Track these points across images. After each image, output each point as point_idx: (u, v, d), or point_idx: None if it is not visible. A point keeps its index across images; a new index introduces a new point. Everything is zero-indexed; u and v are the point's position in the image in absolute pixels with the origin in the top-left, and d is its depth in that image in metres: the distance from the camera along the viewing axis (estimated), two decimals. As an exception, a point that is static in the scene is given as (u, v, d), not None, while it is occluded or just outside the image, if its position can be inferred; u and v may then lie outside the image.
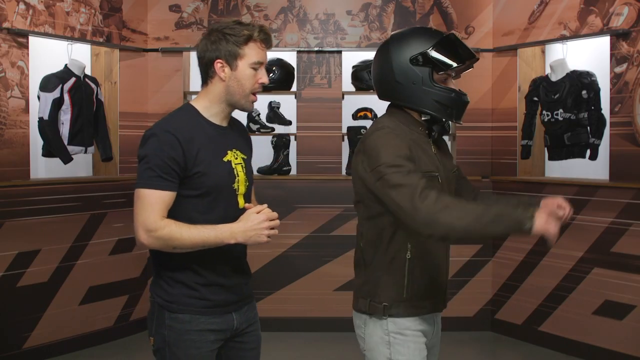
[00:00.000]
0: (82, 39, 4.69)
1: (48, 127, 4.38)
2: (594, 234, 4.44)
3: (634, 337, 4.21)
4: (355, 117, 5.15)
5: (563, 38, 4.64)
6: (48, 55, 4.56)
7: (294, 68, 5.16)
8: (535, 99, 4.75)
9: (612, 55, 4.33)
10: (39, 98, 4.39)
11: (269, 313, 5.05)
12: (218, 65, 2.11)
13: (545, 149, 4.83)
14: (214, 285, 2.11)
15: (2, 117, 4.18)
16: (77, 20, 4.66)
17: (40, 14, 4.41)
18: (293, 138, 5.17)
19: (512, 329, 4.98)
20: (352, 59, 5.15)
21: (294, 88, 5.17)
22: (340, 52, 5.12)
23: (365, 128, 4.93)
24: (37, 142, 4.49)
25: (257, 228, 2.02)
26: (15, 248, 4.27)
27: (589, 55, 4.65)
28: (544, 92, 4.68)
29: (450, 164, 2.23)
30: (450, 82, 2.14)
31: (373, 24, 5.13)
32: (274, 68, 5.08)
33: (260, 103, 5.26)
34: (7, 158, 4.22)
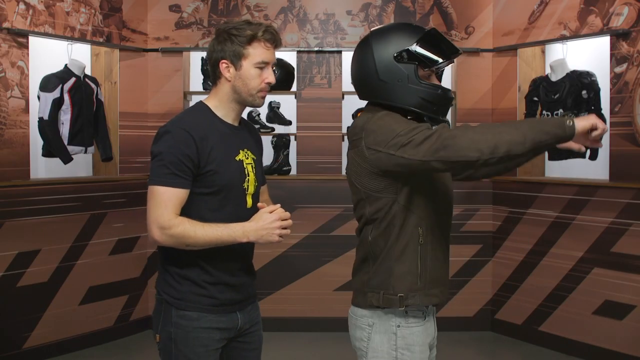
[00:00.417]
0: (82, 39, 4.69)
1: (48, 127, 4.38)
2: (594, 234, 4.44)
3: (634, 337, 4.22)
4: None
5: (563, 38, 4.64)
6: (48, 55, 4.56)
7: (294, 68, 5.16)
8: (535, 99, 4.75)
9: (612, 55, 4.33)
10: (39, 98, 4.39)
11: (269, 313, 5.04)
12: (223, 66, 2.11)
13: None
14: (222, 284, 2.12)
15: (2, 117, 4.18)
16: (77, 20, 4.66)
17: (40, 14, 4.41)
18: (293, 138, 5.17)
19: (512, 329, 4.98)
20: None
21: (294, 88, 5.17)
22: (340, 52, 5.12)
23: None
24: (37, 142, 4.49)
25: (269, 227, 2.03)
26: (15, 248, 4.27)
27: (589, 55, 4.65)
28: (544, 92, 4.68)
29: None
30: (434, 78, 2.09)
31: (373, 24, 5.13)
32: (274, 68, 5.07)
33: (260, 103, 5.27)
34: (7, 158, 4.22)
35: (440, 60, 2.02)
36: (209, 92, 2.25)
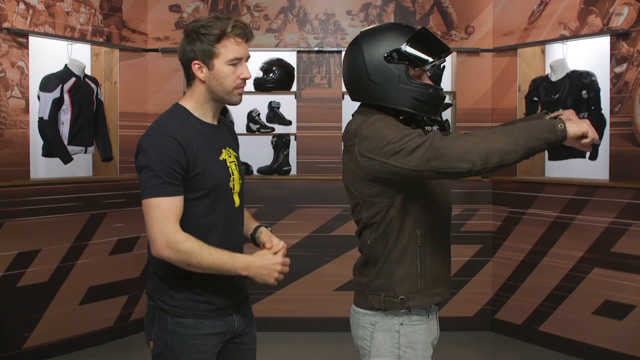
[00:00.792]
0: (82, 39, 4.69)
1: (48, 127, 4.38)
2: (594, 234, 4.44)
3: (634, 337, 4.21)
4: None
5: (563, 38, 4.64)
6: (48, 55, 4.56)
7: (294, 68, 5.16)
8: (535, 99, 4.75)
9: (612, 55, 4.33)
10: (39, 98, 4.39)
11: (269, 313, 5.05)
12: (195, 67, 2.04)
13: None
14: (218, 288, 2.09)
15: (2, 117, 4.18)
16: (77, 20, 4.66)
17: (40, 14, 4.41)
18: (293, 138, 5.17)
19: (512, 329, 4.98)
20: (352, 59, 5.15)
21: (294, 88, 5.17)
22: (340, 52, 5.12)
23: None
24: (37, 142, 4.49)
25: (270, 268, 2.03)
26: (15, 248, 4.27)
27: (589, 55, 4.65)
28: (544, 92, 4.68)
29: None
30: (425, 77, 2.08)
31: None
32: (274, 68, 5.09)
33: (260, 103, 5.27)
34: (7, 158, 4.22)
35: (431, 60, 2.00)
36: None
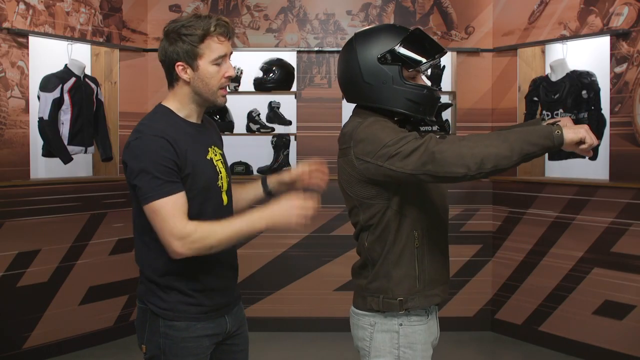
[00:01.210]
0: (82, 39, 4.69)
1: (48, 127, 4.38)
2: (594, 234, 4.45)
3: (634, 337, 4.22)
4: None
5: (563, 38, 4.64)
6: (48, 55, 4.56)
7: (294, 68, 5.16)
8: (535, 99, 4.75)
9: (612, 55, 4.33)
10: (39, 98, 4.39)
11: (269, 313, 5.05)
12: (179, 68, 2.02)
13: (545, 149, 4.82)
14: (209, 290, 2.08)
15: (2, 117, 4.18)
16: (77, 20, 4.66)
17: (40, 14, 4.41)
18: (293, 138, 5.17)
19: (512, 329, 4.98)
20: (352, 59, 5.15)
21: (294, 88, 5.17)
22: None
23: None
24: (37, 142, 4.49)
25: (285, 214, 2.03)
26: (15, 248, 4.27)
27: (589, 55, 4.65)
28: (544, 92, 4.68)
29: None
30: (420, 78, 2.07)
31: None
32: (274, 68, 5.08)
33: (260, 103, 5.27)
34: (7, 158, 4.22)
35: (424, 60, 2.00)
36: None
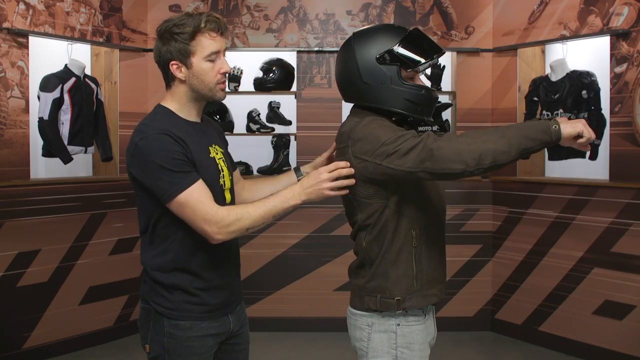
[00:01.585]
0: (82, 39, 4.69)
1: (48, 127, 4.38)
2: (594, 234, 4.45)
3: (634, 337, 4.22)
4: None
5: (563, 38, 4.64)
6: (48, 55, 4.56)
7: (294, 68, 5.16)
8: (535, 99, 4.75)
9: (612, 55, 4.33)
10: (39, 98, 4.39)
11: (269, 313, 5.05)
12: (174, 67, 2.03)
13: (545, 149, 4.83)
14: (213, 288, 2.09)
15: (2, 117, 4.19)
16: (77, 20, 4.66)
17: (40, 14, 4.41)
18: (293, 138, 5.17)
19: (512, 329, 4.98)
20: (352, 59, 5.15)
21: (294, 88, 5.17)
22: (340, 52, 5.12)
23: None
24: (37, 142, 4.49)
25: (315, 186, 2.02)
26: (15, 248, 4.27)
27: (589, 55, 4.65)
28: (544, 92, 4.68)
29: None
30: (418, 78, 2.08)
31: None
32: (274, 68, 5.08)
33: (260, 103, 5.27)
34: (7, 158, 4.22)
35: (423, 61, 2.01)
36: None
